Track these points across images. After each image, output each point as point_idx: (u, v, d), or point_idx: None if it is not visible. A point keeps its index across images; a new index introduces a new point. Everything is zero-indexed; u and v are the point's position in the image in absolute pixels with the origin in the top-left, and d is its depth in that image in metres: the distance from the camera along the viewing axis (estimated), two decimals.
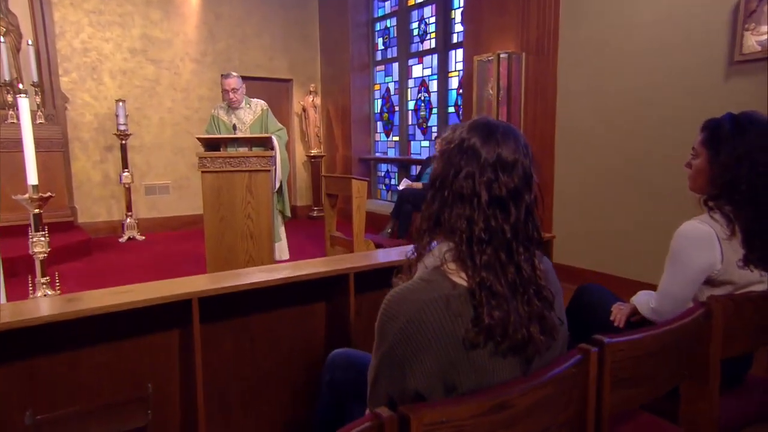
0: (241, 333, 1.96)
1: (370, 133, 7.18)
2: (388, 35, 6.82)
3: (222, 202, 3.67)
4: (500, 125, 1.08)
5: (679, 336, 1.35)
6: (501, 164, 1.03)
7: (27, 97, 2.97)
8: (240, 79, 4.05)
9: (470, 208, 1.03)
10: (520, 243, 1.04)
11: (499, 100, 4.64)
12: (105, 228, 6.14)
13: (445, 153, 1.09)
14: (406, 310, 1.00)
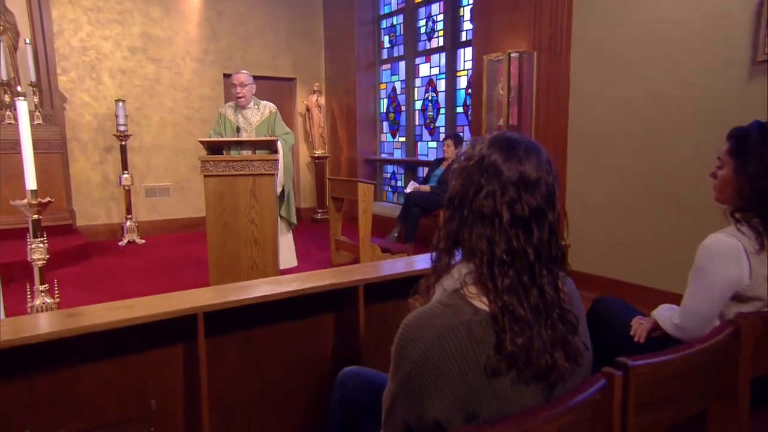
0: (247, 347, 1.95)
1: (376, 134, 7.17)
2: (394, 33, 6.80)
3: (225, 206, 3.66)
4: (522, 141, 1.06)
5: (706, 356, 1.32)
6: (523, 183, 1.01)
7: (25, 99, 2.96)
8: (250, 76, 4.05)
9: (491, 229, 1.01)
10: (543, 264, 1.02)
11: (510, 100, 4.62)
12: (104, 231, 6.14)
13: (464, 170, 1.07)
14: (425, 336, 0.98)
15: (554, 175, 1.07)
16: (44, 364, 1.57)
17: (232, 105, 4.14)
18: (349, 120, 7.15)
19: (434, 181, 5.30)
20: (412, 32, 6.46)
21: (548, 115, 4.46)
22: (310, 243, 5.60)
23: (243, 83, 3.97)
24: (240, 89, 3.97)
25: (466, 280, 1.03)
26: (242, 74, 4.00)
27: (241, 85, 3.96)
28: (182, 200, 6.61)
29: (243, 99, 4.01)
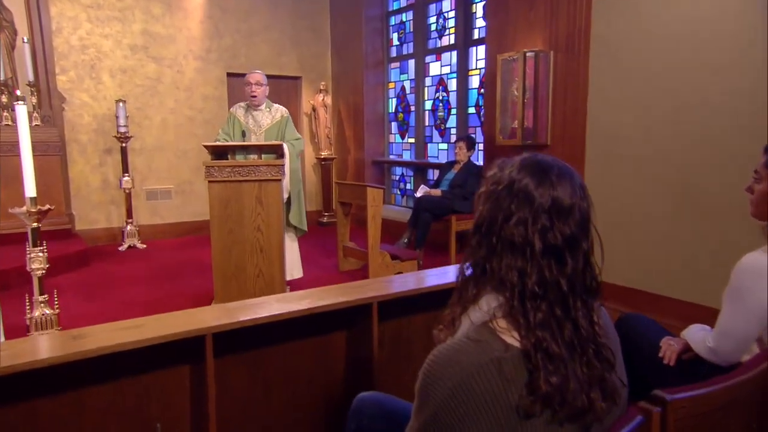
0: (256, 367, 1.92)
1: (384, 135, 7.15)
2: (403, 30, 6.78)
3: (230, 213, 3.64)
4: (554, 164, 1.03)
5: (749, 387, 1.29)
6: (556, 209, 0.99)
7: (25, 104, 2.96)
8: (265, 76, 4.04)
9: (522, 259, 0.98)
10: (577, 296, 0.99)
11: (525, 101, 4.58)
12: (104, 235, 6.15)
13: (493, 195, 1.04)
14: (453, 373, 0.95)
15: (588, 200, 1.04)
16: (46, 387, 1.55)
17: (243, 106, 4.12)
18: (356, 120, 7.13)
19: (445, 185, 5.26)
20: (422, 29, 6.43)
21: (565, 117, 4.42)
22: (317, 248, 5.59)
23: (259, 82, 3.96)
24: (255, 88, 3.95)
25: (495, 314, 1.00)
26: (257, 73, 4.00)
27: (257, 84, 3.95)
28: (184, 203, 6.61)
29: (256, 98, 3.99)
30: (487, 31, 5.20)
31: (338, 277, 4.77)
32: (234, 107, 4.18)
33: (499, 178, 1.05)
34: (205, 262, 5.15)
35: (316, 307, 1.87)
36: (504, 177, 1.04)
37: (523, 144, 4.61)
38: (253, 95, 4.00)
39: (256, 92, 3.99)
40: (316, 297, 1.98)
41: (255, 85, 3.97)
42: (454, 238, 5.02)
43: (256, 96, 4.01)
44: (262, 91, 4.03)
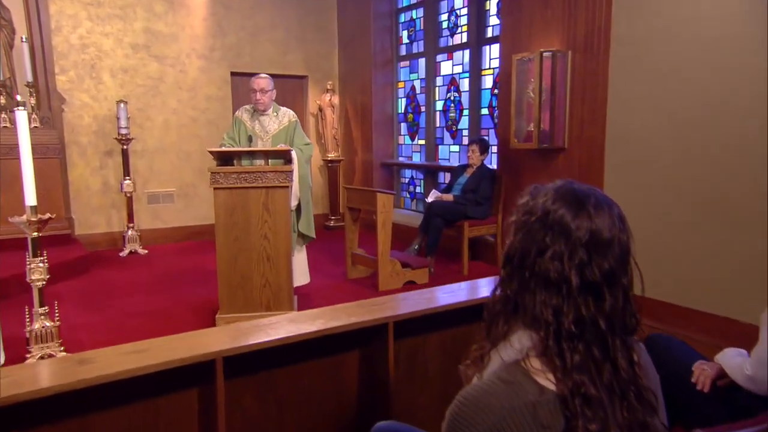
0: (266, 390, 1.90)
1: (393, 136, 7.12)
2: (413, 28, 6.75)
3: (236, 221, 3.63)
4: (591, 194, 1.00)
5: None
6: (595, 243, 0.96)
7: (25, 109, 2.95)
8: (271, 80, 4.00)
9: (558, 296, 0.96)
10: (616, 335, 0.96)
11: (542, 103, 4.54)
12: (104, 240, 6.16)
13: (525, 225, 1.02)
14: (483, 418, 0.92)
15: (628, 232, 1.01)
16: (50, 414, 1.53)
17: (249, 109, 4.09)
18: (364, 121, 7.11)
19: (458, 190, 5.23)
20: (433, 27, 6.40)
21: (583, 121, 4.39)
22: (323, 254, 5.57)
23: (264, 89, 3.92)
24: (260, 95, 3.92)
25: (528, 353, 0.97)
26: (262, 79, 3.95)
27: (261, 91, 3.91)
28: (187, 207, 6.61)
29: (263, 104, 3.97)
30: (501, 29, 5.17)
31: (346, 286, 4.75)
32: (239, 111, 4.16)
33: (532, 207, 1.02)
34: (208, 269, 5.16)
35: (329, 328, 1.84)
36: (537, 206, 1.01)
37: (539, 147, 4.58)
38: (259, 103, 3.97)
39: (261, 100, 3.96)
40: (329, 317, 1.96)
41: (260, 92, 3.93)
42: (466, 244, 4.99)
43: (262, 103, 3.98)
44: (269, 97, 4.00)
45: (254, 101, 3.99)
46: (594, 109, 4.29)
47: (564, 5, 4.48)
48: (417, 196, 6.91)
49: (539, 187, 1.06)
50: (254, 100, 3.98)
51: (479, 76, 5.83)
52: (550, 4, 4.59)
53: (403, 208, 7.07)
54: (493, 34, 5.63)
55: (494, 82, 5.62)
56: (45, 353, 3.12)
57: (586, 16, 4.32)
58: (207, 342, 1.72)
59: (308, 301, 4.24)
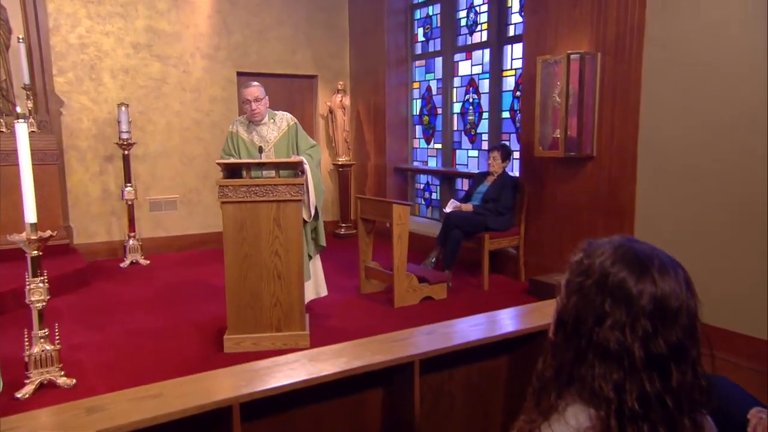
0: None
1: (408, 139, 7.09)
2: (430, 25, 6.71)
3: (245, 237, 3.61)
4: (654, 256, 0.95)
5: None
6: (661, 313, 0.91)
7: (26, 122, 2.94)
8: (262, 88, 3.95)
9: (619, 370, 0.91)
10: (684, 414, 0.92)
11: (569, 108, 4.49)
12: (104, 250, 6.16)
13: (581, 288, 0.97)
14: None
15: (696, 298, 0.96)
16: None
17: (243, 121, 4.03)
18: (377, 123, 7.08)
19: (477, 199, 5.18)
20: (451, 24, 6.35)
21: (614, 127, 4.33)
22: (335, 266, 5.52)
23: (258, 98, 3.87)
24: (255, 105, 3.87)
25: None
26: (254, 87, 3.89)
27: (255, 101, 3.86)
28: (190, 214, 6.60)
29: (258, 115, 3.92)
30: (524, 28, 5.11)
31: (360, 302, 4.72)
32: (233, 124, 4.08)
33: (588, 267, 0.98)
34: (213, 283, 5.14)
35: (352, 369, 1.80)
36: (594, 267, 0.97)
37: (565, 155, 4.53)
38: (255, 114, 3.92)
39: (257, 110, 3.91)
40: (351, 354, 1.92)
41: (254, 101, 3.88)
42: (487, 257, 4.94)
43: (258, 113, 3.93)
44: (264, 105, 3.94)
45: (249, 112, 3.92)
46: (625, 115, 4.24)
47: (593, 4, 4.43)
48: (433, 203, 6.86)
49: (594, 243, 1.02)
50: (249, 111, 3.92)
51: (500, 77, 5.77)
52: (579, 2, 4.53)
53: (418, 215, 7.03)
54: (516, 32, 5.57)
55: (516, 84, 5.56)
56: (44, 378, 3.11)
57: (617, 16, 4.26)
58: (222, 386, 1.69)
59: (320, 320, 4.21)
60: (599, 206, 4.46)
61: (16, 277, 4.55)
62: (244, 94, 3.92)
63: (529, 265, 5.12)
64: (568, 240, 4.75)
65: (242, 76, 6.81)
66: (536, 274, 4.84)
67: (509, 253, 5.31)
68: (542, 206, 4.97)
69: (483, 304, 4.60)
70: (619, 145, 4.31)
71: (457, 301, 4.68)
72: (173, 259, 6.24)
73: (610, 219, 4.38)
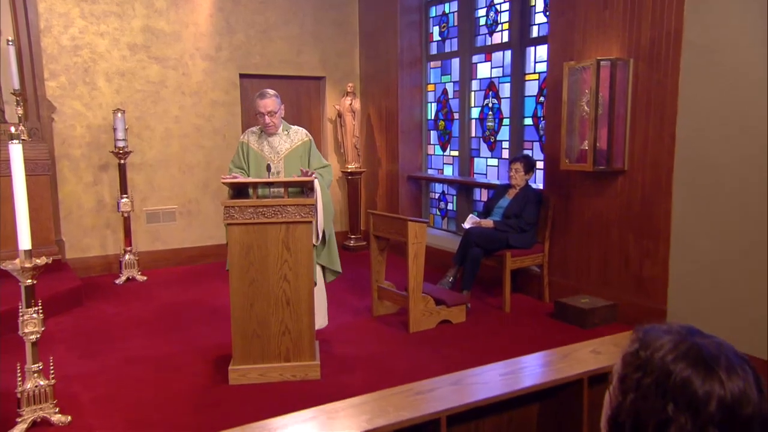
0: None
1: (422, 146, 7.07)
2: (446, 23, 6.67)
3: (252, 261, 3.59)
4: (721, 353, 0.90)
5: None
6: (731, 421, 0.86)
7: (20, 143, 2.92)
8: (278, 99, 3.94)
9: None
10: None
11: (598, 119, 4.44)
12: (98, 265, 6.16)
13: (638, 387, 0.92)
14: None
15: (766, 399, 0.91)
16: None
17: (256, 131, 4.04)
18: (389, 128, 7.05)
19: (498, 214, 5.14)
20: (470, 23, 6.32)
21: (647, 139, 4.28)
22: (344, 281, 5.49)
23: (272, 111, 3.86)
24: (269, 118, 3.86)
25: None
26: (268, 99, 3.87)
27: (270, 114, 3.85)
28: (189, 226, 6.59)
29: (272, 127, 3.91)
30: (549, 30, 5.07)
31: (373, 326, 4.68)
32: (244, 134, 4.09)
33: (646, 362, 0.93)
34: (215, 303, 5.13)
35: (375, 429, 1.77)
36: (654, 363, 0.92)
37: (594, 169, 4.48)
38: (269, 127, 3.91)
39: (271, 123, 3.89)
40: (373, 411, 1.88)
41: (268, 114, 3.87)
42: (508, 277, 4.89)
43: (272, 127, 3.92)
44: (278, 118, 3.94)
45: (263, 125, 3.93)
46: (661, 127, 4.19)
47: (626, 6, 4.38)
48: (449, 214, 6.82)
49: (650, 332, 0.97)
50: (263, 124, 3.92)
51: (522, 81, 5.73)
52: (610, 3, 4.48)
53: (433, 226, 6.99)
54: (539, 33, 5.52)
55: (540, 89, 5.52)
56: (38, 416, 3.09)
57: (652, 19, 4.21)
58: None
59: (330, 348, 4.18)
60: (631, 224, 4.40)
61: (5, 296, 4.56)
62: (258, 105, 3.90)
63: (553, 286, 5.07)
64: (597, 259, 4.70)
65: (245, 78, 6.81)
66: (561, 296, 4.79)
67: (532, 272, 5.26)
68: (568, 222, 4.93)
69: (505, 329, 4.57)
70: (653, 158, 4.26)
71: (477, 324, 4.64)
72: (172, 274, 6.23)
73: (642, 239, 4.32)
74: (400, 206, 6.93)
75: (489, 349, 4.14)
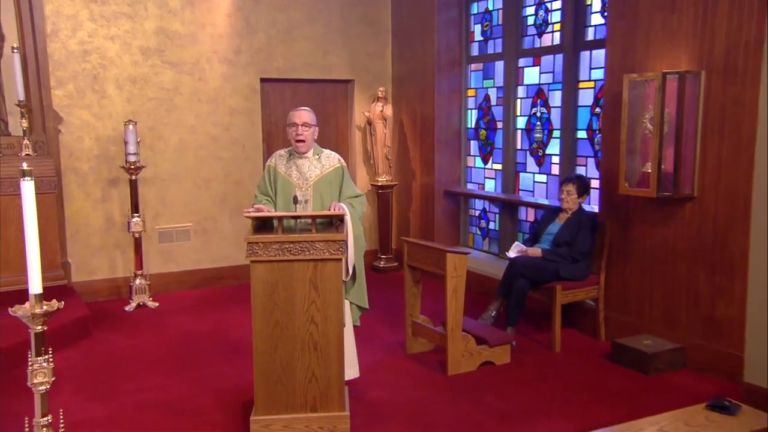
0: None
1: (461, 157, 7.05)
2: (489, 22, 6.64)
3: (277, 301, 3.60)
4: None
5: None
6: None
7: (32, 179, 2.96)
8: (313, 115, 3.97)
9: None
10: None
11: (663, 138, 4.37)
12: (106, 288, 6.27)
13: None
14: None
15: None
16: None
17: (284, 154, 4.06)
18: (424, 137, 7.05)
19: (547, 242, 5.09)
20: (516, 23, 6.27)
21: (721, 162, 4.21)
22: (376, 312, 5.44)
23: (307, 123, 3.88)
24: (303, 129, 3.88)
25: None
26: (304, 111, 3.93)
27: (303, 125, 3.88)
28: (205, 246, 6.67)
29: (303, 144, 3.93)
30: (607, 33, 5.01)
31: (406, 365, 4.68)
32: (272, 158, 4.12)
33: None
34: (234, 335, 5.19)
35: None
36: None
37: (658, 195, 4.39)
38: (300, 139, 3.92)
39: (303, 135, 3.90)
40: None
41: (302, 126, 3.89)
42: (559, 312, 4.84)
43: (304, 140, 3.93)
44: (311, 134, 3.95)
45: (294, 137, 3.94)
46: (737, 148, 4.12)
47: (697, 11, 4.30)
48: (491, 234, 6.77)
49: None
50: (293, 136, 3.93)
51: (575, 89, 5.66)
52: (678, 8, 4.40)
53: (472, 247, 6.95)
54: (596, 36, 5.45)
55: (595, 99, 5.45)
56: None
57: (727, 27, 4.13)
58: None
59: (361, 392, 4.19)
60: (701, 258, 4.32)
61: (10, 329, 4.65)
62: (291, 117, 3.94)
63: (610, 322, 5.00)
64: (660, 295, 4.62)
65: (266, 82, 6.86)
66: (620, 334, 4.73)
67: (586, 305, 5.20)
68: (628, 252, 4.85)
69: (555, 373, 4.52)
70: (728, 183, 4.17)
71: (524, 366, 4.60)
72: (186, 299, 6.30)
73: (715, 274, 4.24)
74: (436, 224, 6.92)
75: (538, 398, 4.10)
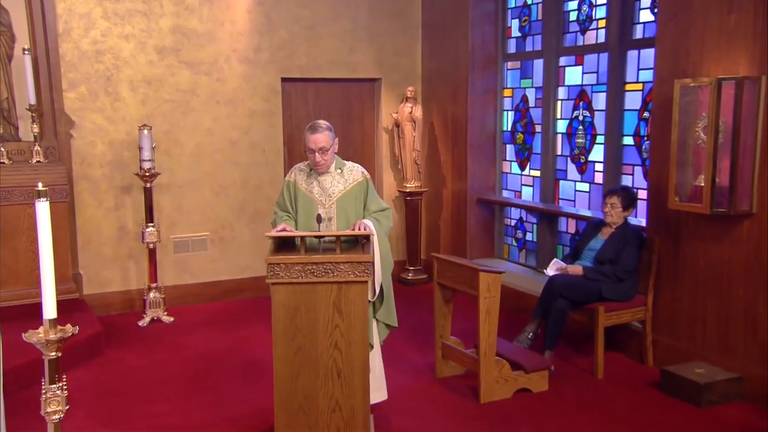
0: None
1: (496, 162, 7.06)
2: (528, 17, 6.64)
3: (299, 326, 3.65)
4: None
5: None
6: None
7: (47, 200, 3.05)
8: (331, 132, 3.97)
9: None
10: None
11: (718, 149, 4.34)
12: (119, 301, 6.39)
13: None
14: None
15: None
16: None
17: (304, 168, 4.09)
18: (456, 140, 7.06)
19: (589, 258, 5.07)
20: (557, 18, 6.26)
21: None
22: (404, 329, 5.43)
23: (324, 148, 3.89)
24: (320, 157, 3.90)
25: None
26: (320, 134, 3.88)
27: (321, 151, 3.89)
28: (222, 256, 6.76)
29: (323, 167, 3.96)
30: (657, 32, 4.98)
31: (436, 390, 4.72)
32: (292, 172, 4.14)
33: None
34: (253, 354, 5.27)
35: None
36: None
37: (712, 212, 4.36)
38: (320, 166, 3.96)
39: (321, 162, 3.93)
40: None
41: (319, 152, 3.90)
42: (601, 336, 4.82)
43: (323, 166, 3.96)
44: (330, 156, 3.96)
45: (313, 163, 3.97)
46: None
47: (758, 9, 4.25)
48: (528, 245, 6.77)
49: None
50: (313, 162, 3.97)
51: (621, 91, 5.64)
52: (736, 7, 4.36)
53: (507, 259, 6.95)
54: (644, 34, 5.42)
55: (644, 102, 5.41)
56: None
57: None
58: None
59: (387, 419, 4.24)
60: (761, 280, 4.27)
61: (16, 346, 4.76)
62: (308, 140, 3.94)
63: (658, 347, 4.97)
64: (715, 319, 4.58)
65: (288, 82, 6.93)
66: (669, 361, 4.69)
67: (632, 328, 5.17)
68: (678, 271, 4.81)
69: (597, 402, 4.51)
70: None
71: (563, 394, 4.59)
72: (202, 314, 6.40)
73: None
74: (468, 234, 6.93)
75: (578, 430, 4.12)
